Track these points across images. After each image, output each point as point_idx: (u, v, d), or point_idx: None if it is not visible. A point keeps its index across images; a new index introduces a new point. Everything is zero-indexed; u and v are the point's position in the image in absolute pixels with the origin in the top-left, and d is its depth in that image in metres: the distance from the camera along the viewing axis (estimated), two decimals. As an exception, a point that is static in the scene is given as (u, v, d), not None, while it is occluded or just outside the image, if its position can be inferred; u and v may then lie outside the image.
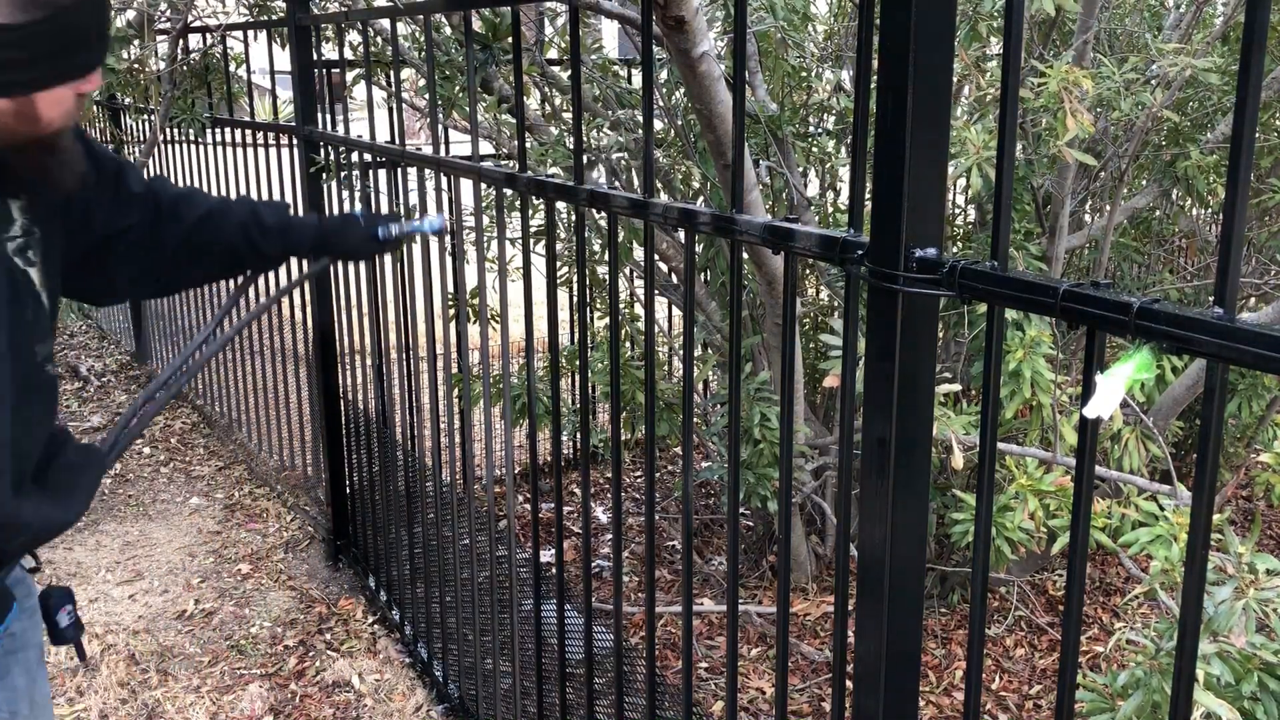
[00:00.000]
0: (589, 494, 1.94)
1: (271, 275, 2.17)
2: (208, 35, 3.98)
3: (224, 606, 3.53)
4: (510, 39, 2.43)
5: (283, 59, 3.48)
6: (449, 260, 2.73)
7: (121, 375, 5.91)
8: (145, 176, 1.83)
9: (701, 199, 3.45)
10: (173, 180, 4.79)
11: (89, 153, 1.68)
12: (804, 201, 3.30)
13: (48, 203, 1.59)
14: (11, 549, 1.52)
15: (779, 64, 3.34)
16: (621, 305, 3.42)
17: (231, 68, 4.12)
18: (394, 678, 3.12)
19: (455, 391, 2.56)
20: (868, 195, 1.14)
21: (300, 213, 1.93)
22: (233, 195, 4.09)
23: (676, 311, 4.80)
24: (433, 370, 2.62)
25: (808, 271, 3.92)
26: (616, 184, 3.25)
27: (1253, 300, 3.98)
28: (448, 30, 3.31)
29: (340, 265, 3.09)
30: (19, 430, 1.47)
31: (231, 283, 2.07)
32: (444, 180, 2.42)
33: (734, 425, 1.45)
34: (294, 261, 2.11)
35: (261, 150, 3.84)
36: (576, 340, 2.42)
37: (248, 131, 3.95)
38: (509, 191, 2.45)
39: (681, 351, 1.78)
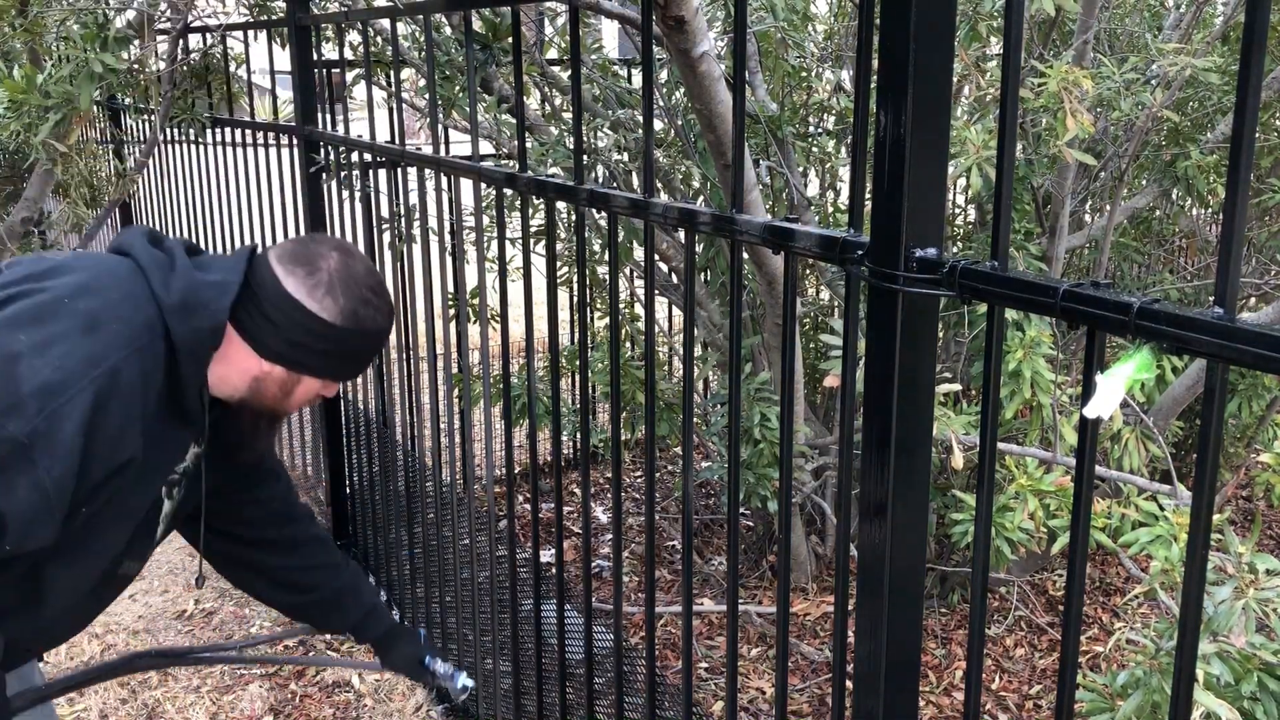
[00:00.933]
0: (589, 494, 1.94)
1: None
2: (208, 35, 3.98)
3: (224, 606, 3.53)
4: (510, 39, 2.43)
5: (283, 59, 3.48)
6: (449, 260, 2.73)
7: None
8: (293, 502, 2.01)
9: (701, 199, 3.45)
10: (173, 181, 4.80)
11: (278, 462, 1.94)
12: (804, 201, 3.30)
13: (214, 462, 1.73)
14: None
15: (779, 64, 3.34)
16: (621, 305, 3.42)
17: (231, 68, 4.12)
18: (394, 678, 3.13)
19: (455, 391, 2.56)
20: (868, 195, 1.14)
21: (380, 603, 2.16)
22: (230, 198, 4.09)
23: (676, 311, 4.80)
24: (433, 370, 2.62)
25: (808, 271, 3.93)
26: (616, 185, 3.25)
27: (1253, 300, 3.98)
28: (448, 30, 3.31)
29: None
30: (65, 602, 1.63)
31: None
32: (444, 180, 2.42)
33: (734, 425, 1.45)
34: None
35: (261, 150, 3.84)
36: (576, 340, 2.42)
37: (248, 131, 3.95)
38: (509, 191, 2.45)
39: (681, 351, 1.78)
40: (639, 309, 4.15)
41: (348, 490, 3.68)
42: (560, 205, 3.31)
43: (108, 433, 1.41)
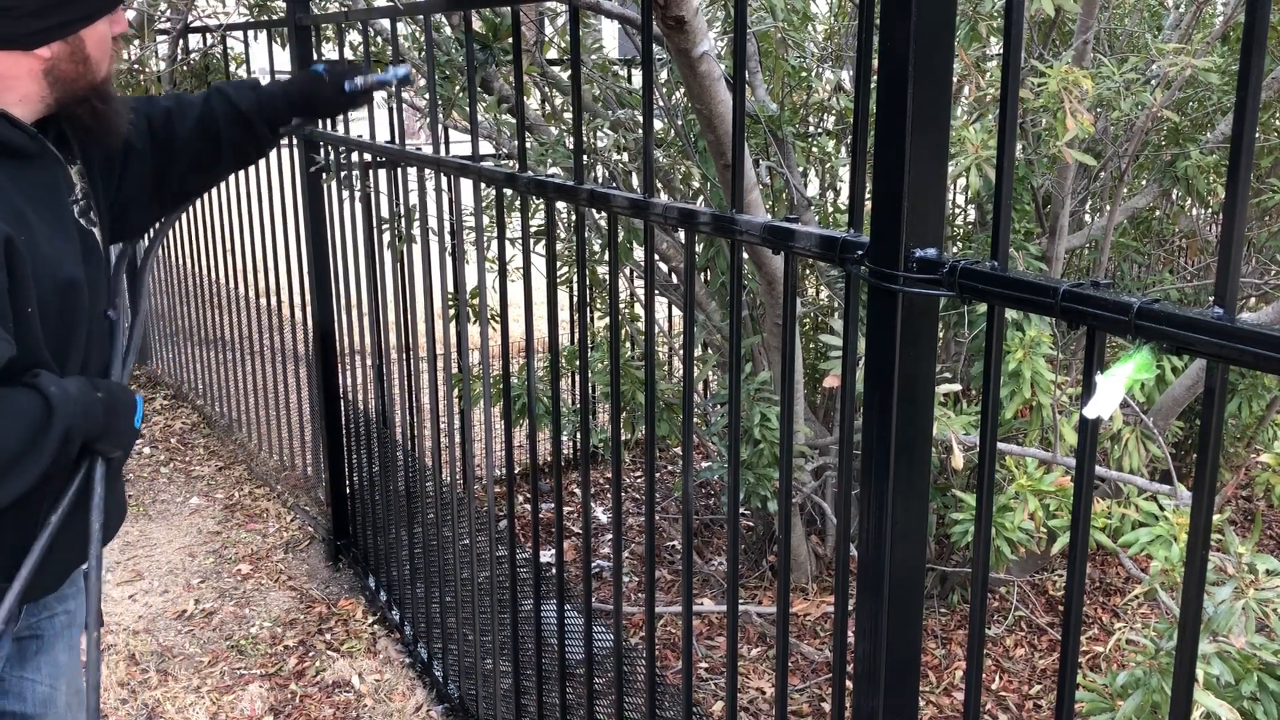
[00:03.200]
0: (589, 494, 1.94)
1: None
2: (208, 35, 3.98)
3: (224, 606, 3.53)
4: (510, 39, 2.43)
5: (283, 59, 3.48)
6: (449, 260, 2.73)
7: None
8: (136, 110, 1.86)
9: (701, 199, 3.45)
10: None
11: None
12: (804, 201, 3.30)
13: (95, 163, 1.65)
14: None
15: (779, 64, 3.33)
16: (621, 305, 3.42)
17: (232, 68, 4.11)
18: (394, 678, 3.13)
19: (455, 391, 2.56)
20: (868, 195, 1.14)
21: (265, 84, 2.00)
22: (230, 198, 4.09)
23: (676, 311, 4.80)
24: (433, 370, 2.62)
25: (808, 271, 3.93)
26: (616, 185, 3.25)
27: (1253, 300, 3.98)
28: (448, 30, 3.31)
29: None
30: (79, 365, 1.56)
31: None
32: (444, 180, 2.42)
33: (734, 425, 1.45)
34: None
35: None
36: (576, 340, 2.42)
37: (248, 131, 3.95)
38: (509, 191, 2.45)
39: (681, 351, 1.78)
40: (639, 309, 4.15)
41: (348, 490, 3.68)
42: (560, 205, 3.31)
43: None
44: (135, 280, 1.86)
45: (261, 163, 3.80)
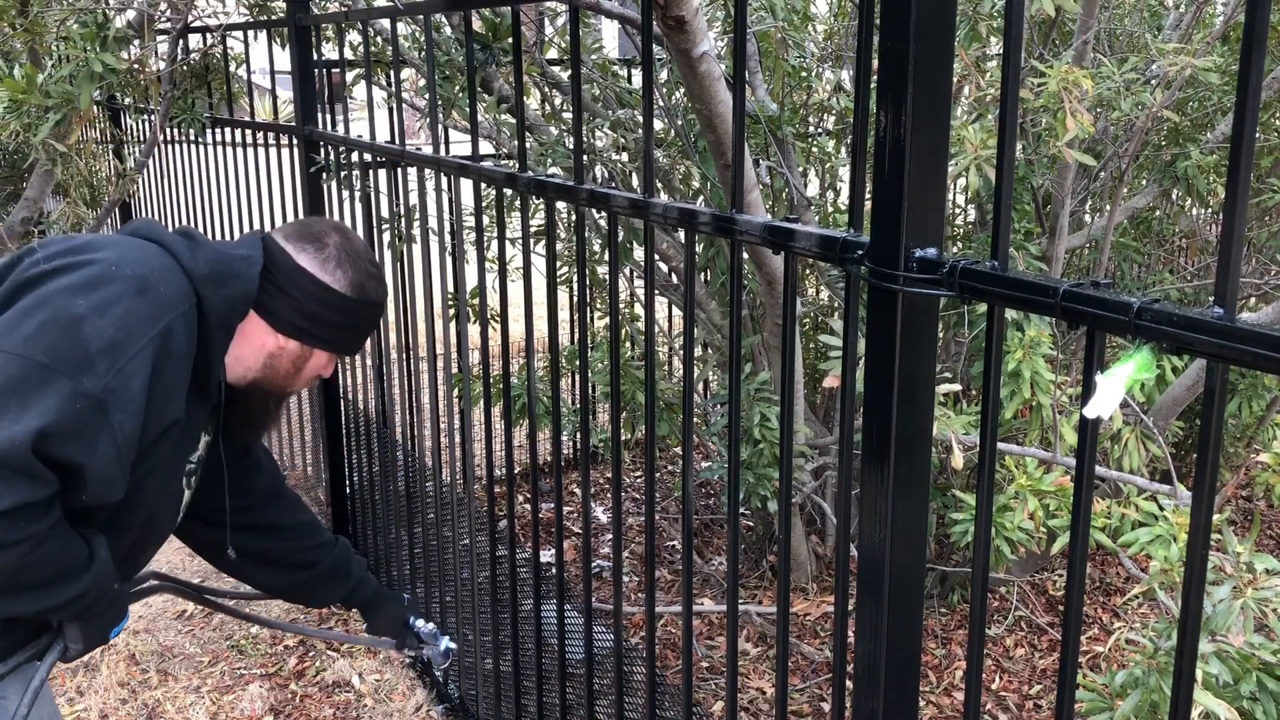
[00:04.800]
0: (589, 494, 1.94)
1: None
2: (208, 35, 3.98)
3: (224, 606, 3.53)
4: (510, 39, 2.43)
5: (283, 59, 3.48)
6: (449, 260, 2.73)
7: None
8: (284, 486, 2.08)
9: (701, 199, 3.45)
10: (173, 181, 4.79)
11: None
12: (804, 201, 3.30)
13: (223, 454, 1.80)
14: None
15: (779, 64, 3.33)
16: (621, 305, 3.42)
17: (231, 68, 4.12)
18: (394, 677, 3.13)
19: (455, 391, 2.56)
20: (868, 195, 1.14)
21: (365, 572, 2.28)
22: (230, 199, 4.09)
23: (676, 311, 4.80)
24: (433, 370, 2.62)
25: (808, 271, 3.93)
26: (616, 185, 3.25)
27: (1253, 300, 3.98)
28: (448, 30, 3.31)
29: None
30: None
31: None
32: (444, 180, 2.42)
33: (734, 425, 1.45)
34: None
35: (261, 150, 3.84)
36: (576, 340, 2.42)
37: (248, 131, 3.95)
38: (509, 191, 2.45)
39: (681, 351, 1.78)
40: (639, 309, 4.15)
41: (348, 490, 3.68)
42: (560, 205, 3.31)
43: (161, 391, 1.48)
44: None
45: (261, 163, 3.81)
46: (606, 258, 2.72)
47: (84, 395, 1.38)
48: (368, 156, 2.96)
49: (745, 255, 2.79)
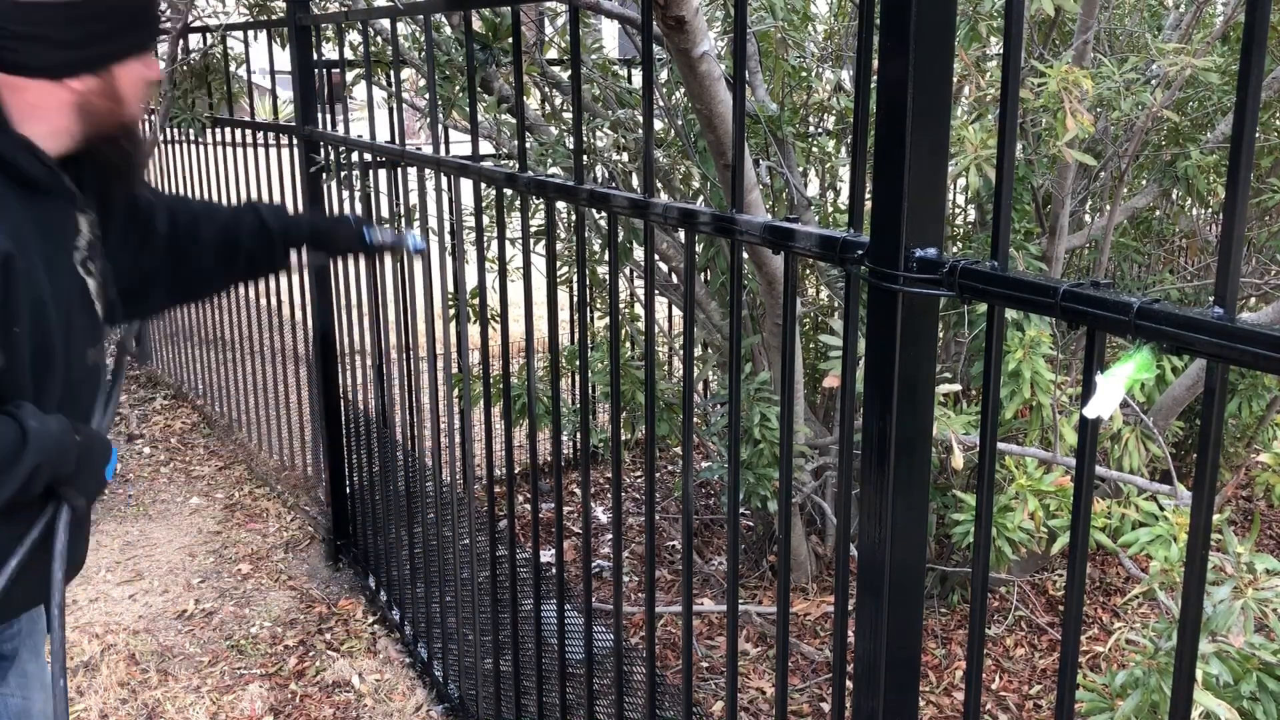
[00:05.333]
0: (589, 494, 1.94)
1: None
2: (208, 35, 3.98)
3: (224, 606, 3.53)
4: (510, 39, 2.43)
5: (283, 59, 3.48)
6: (449, 260, 2.73)
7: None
8: (161, 198, 1.96)
9: (701, 199, 3.45)
10: (173, 181, 4.80)
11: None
12: (804, 201, 3.30)
13: (114, 223, 1.71)
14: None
15: (779, 64, 3.33)
16: (621, 305, 3.42)
17: (231, 68, 4.11)
18: (394, 677, 3.13)
19: (455, 391, 2.56)
20: (868, 195, 1.14)
21: (296, 210, 2.12)
22: (231, 198, 4.09)
23: (676, 311, 4.80)
24: (433, 370, 2.62)
25: (808, 271, 3.92)
26: (616, 185, 3.25)
27: (1253, 300, 3.98)
28: (448, 30, 3.31)
29: (338, 262, 3.26)
30: (52, 408, 1.57)
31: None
32: (444, 180, 2.42)
33: (734, 425, 1.45)
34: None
35: (261, 150, 3.84)
36: (576, 340, 2.42)
37: (248, 131, 3.95)
38: (509, 191, 2.45)
39: (681, 351, 1.78)
40: (639, 309, 4.15)
41: (348, 490, 3.68)
42: (560, 205, 3.31)
43: None
44: (121, 351, 1.96)
45: (261, 163, 3.81)
46: (606, 258, 2.72)
47: None
48: (368, 156, 2.96)
49: (745, 255, 2.79)
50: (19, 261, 1.43)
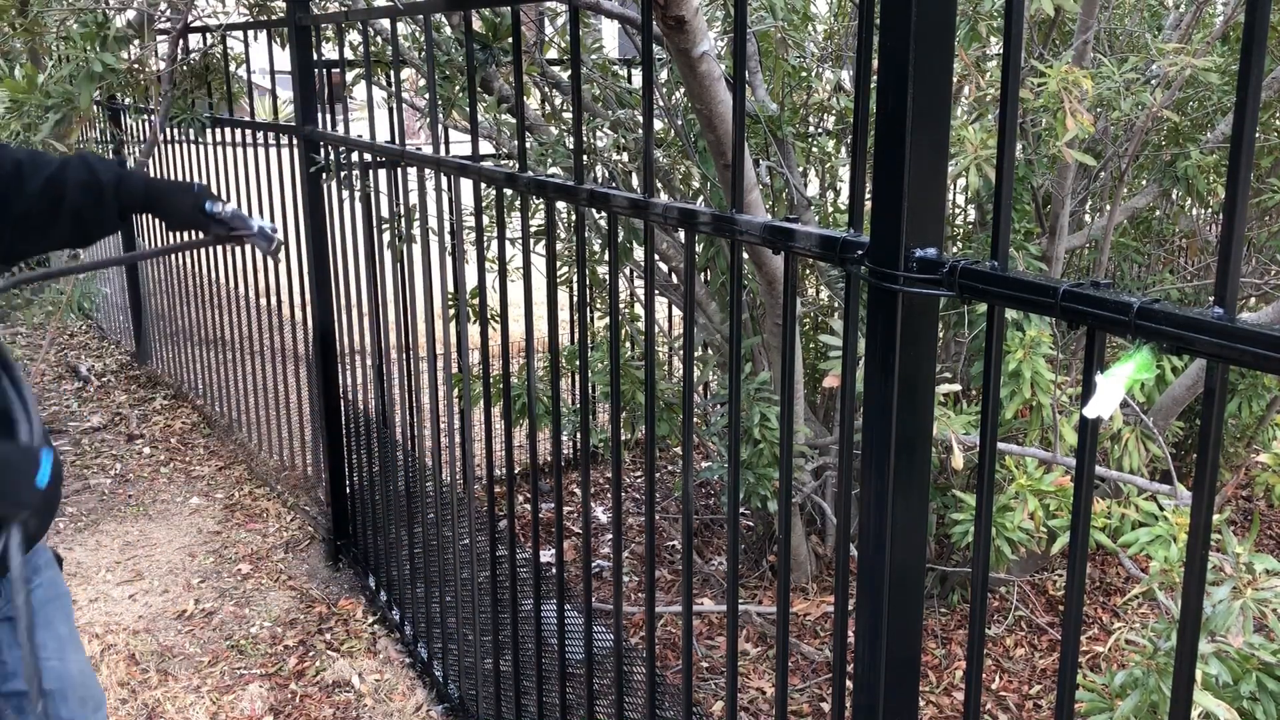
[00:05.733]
0: (589, 494, 1.94)
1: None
2: (208, 35, 3.98)
3: (224, 606, 3.53)
4: (510, 39, 2.43)
5: (283, 59, 3.48)
6: (449, 260, 2.73)
7: (121, 375, 5.91)
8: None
9: (701, 199, 3.45)
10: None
11: None
12: (804, 201, 3.30)
13: None
14: None
15: (779, 64, 3.33)
16: (621, 305, 3.42)
17: (231, 68, 4.11)
18: (394, 677, 3.13)
19: (455, 391, 2.56)
20: (868, 195, 1.14)
21: (131, 169, 1.95)
22: (230, 198, 4.09)
23: (676, 311, 4.80)
24: (433, 370, 2.62)
25: (808, 271, 3.92)
26: (616, 185, 3.25)
27: (1253, 300, 3.98)
28: (448, 30, 3.31)
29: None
30: None
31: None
32: (444, 180, 2.42)
33: (734, 425, 1.45)
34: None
35: (261, 150, 3.84)
36: (576, 340, 2.42)
37: (248, 131, 3.95)
38: (509, 191, 2.45)
39: (681, 351, 1.78)
40: (639, 309, 4.15)
41: (348, 490, 3.68)
42: (560, 205, 3.31)
43: None
44: None
45: (261, 163, 3.81)
46: (606, 258, 2.72)
47: None
48: (368, 156, 2.96)
49: (745, 255, 2.79)
50: None
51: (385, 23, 3.32)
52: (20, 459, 1.58)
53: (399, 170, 2.78)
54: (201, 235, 2.08)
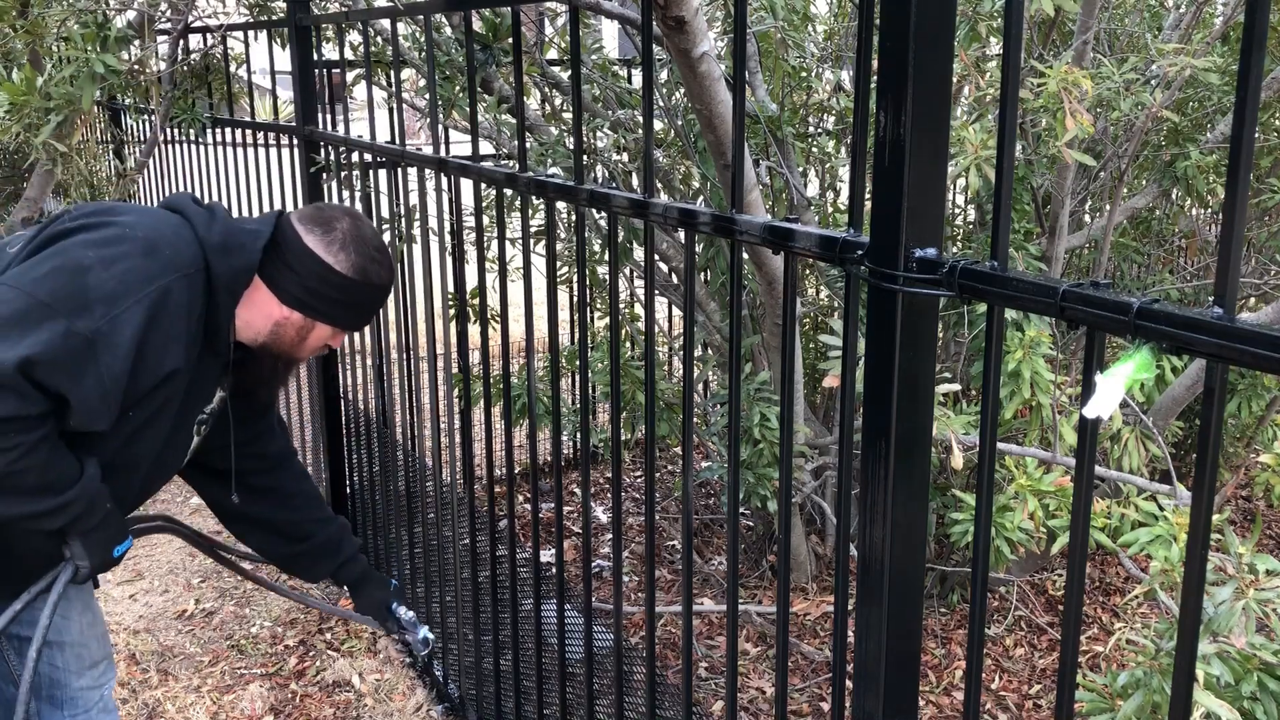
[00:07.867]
0: (589, 494, 1.94)
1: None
2: (208, 35, 3.98)
3: (224, 606, 3.53)
4: (510, 39, 2.42)
5: (283, 59, 3.48)
6: (449, 260, 2.73)
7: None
8: (294, 458, 2.24)
9: (701, 199, 3.45)
10: (174, 181, 4.80)
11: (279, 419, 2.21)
12: (804, 201, 3.30)
13: (232, 409, 1.99)
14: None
15: (779, 64, 3.33)
16: (621, 305, 3.42)
17: (232, 68, 4.11)
18: (394, 677, 3.13)
19: (455, 391, 2.56)
20: (868, 195, 1.14)
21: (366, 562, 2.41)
22: (230, 198, 4.09)
23: (676, 311, 4.80)
24: (433, 370, 2.62)
25: (808, 271, 3.92)
26: (616, 185, 3.25)
27: (1253, 300, 3.98)
28: (448, 30, 3.31)
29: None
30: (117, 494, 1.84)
31: None
32: (444, 180, 2.42)
33: (734, 425, 1.45)
34: None
35: (262, 150, 3.84)
36: (576, 340, 2.42)
37: (248, 131, 3.95)
38: (509, 191, 2.45)
39: (681, 351, 1.78)
40: (639, 309, 4.15)
41: (348, 490, 3.68)
42: (560, 205, 3.31)
43: (156, 343, 1.67)
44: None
45: (261, 163, 3.81)
46: (606, 258, 2.72)
47: (76, 334, 1.58)
48: (368, 156, 2.96)
49: (745, 255, 2.79)
50: (179, 379, 1.74)
51: (385, 23, 3.33)
52: (118, 530, 1.85)
53: (399, 170, 2.78)
54: (378, 624, 2.40)
